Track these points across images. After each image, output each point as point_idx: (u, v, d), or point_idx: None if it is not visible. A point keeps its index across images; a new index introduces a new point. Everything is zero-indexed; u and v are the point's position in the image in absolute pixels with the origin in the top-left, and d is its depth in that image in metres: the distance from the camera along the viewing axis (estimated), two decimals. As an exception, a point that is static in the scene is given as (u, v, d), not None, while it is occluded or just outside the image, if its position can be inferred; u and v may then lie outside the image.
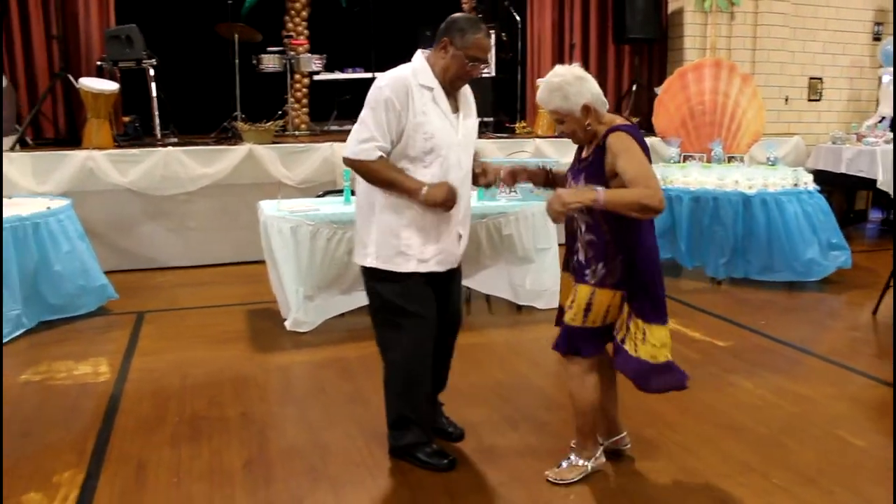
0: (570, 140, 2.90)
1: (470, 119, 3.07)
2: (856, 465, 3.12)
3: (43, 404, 3.76)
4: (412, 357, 3.04)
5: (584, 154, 2.85)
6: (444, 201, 2.88)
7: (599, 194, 2.61)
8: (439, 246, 2.98)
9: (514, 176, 3.10)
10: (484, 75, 7.96)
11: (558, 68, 2.80)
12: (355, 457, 3.18)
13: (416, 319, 2.99)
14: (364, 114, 2.89)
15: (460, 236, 3.06)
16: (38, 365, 4.27)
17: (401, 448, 3.15)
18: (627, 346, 2.81)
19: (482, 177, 3.11)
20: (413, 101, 2.85)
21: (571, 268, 2.91)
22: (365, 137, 2.86)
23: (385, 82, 2.86)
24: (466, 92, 3.09)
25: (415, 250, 2.95)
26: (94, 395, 3.85)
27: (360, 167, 2.91)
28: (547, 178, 3.11)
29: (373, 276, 3.03)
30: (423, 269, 2.97)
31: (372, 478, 3.01)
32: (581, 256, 2.83)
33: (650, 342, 2.78)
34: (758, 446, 3.27)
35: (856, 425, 3.50)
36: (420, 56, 2.98)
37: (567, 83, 2.72)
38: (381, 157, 2.87)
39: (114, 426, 3.49)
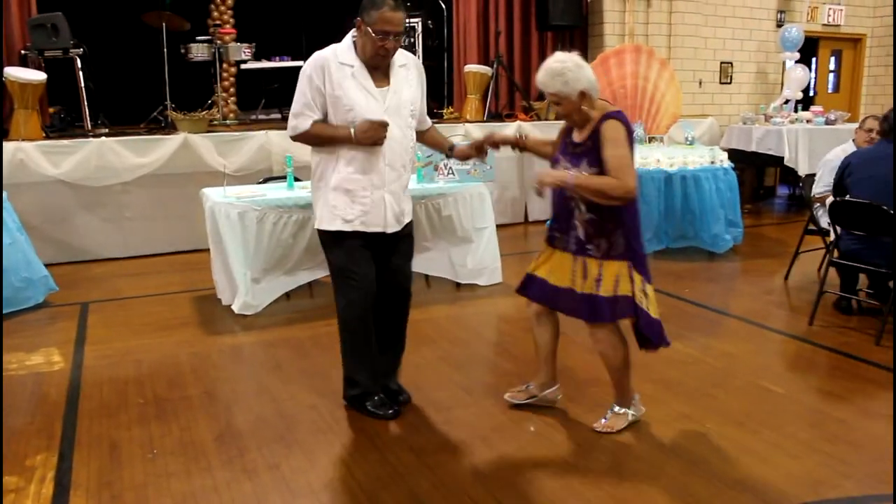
0: (496, 124, 3.13)
1: (402, 93, 3.24)
2: (777, 409, 3.47)
3: (-1, 394, 3.77)
4: (350, 314, 3.32)
5: (577, 138, 3.06)
6: (374, 133, 3.10)
7: (570, 179, 2.92)
8: (363, 208, 3.22)
9: (496, 144, 3.42)
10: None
11: (559, 55, 3.01)
12: (321, 425, 3.35)
13: (352, 278, 3.25)
14: (295, 93, 3.21)
15: (388, 202, 3.25)
16: (-14, 357, 4.25)
17: (350, 399, 3.47)
18: (649, 310, 3.07)
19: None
20: (330, 77, 3.13)
21: (565, 243, 3.13)
22: (297, 112, 3.20)
23: (308, 62, 3.19)
24: (401, 65, 3.25)
25: (340, 210, 3.23)
26: (52, 384, 3.88)
27: (302, 139, 3.24)
28: (517, 144, 3.41)
29: (321, 241, 3.35)
30: (347, 228, 3.22)
31: (341, 443, 3.18)
32: (580, 234, 3.06)
33: (653, 299, 3.11)
34: (690, 398, 3.60)
35: (775, 375, 3.87)
36: (349, 37, 3.22)
37: (568, 69, 2.94)
38: (313, 123, 3.17)
39: (78, 410, 3.54)
